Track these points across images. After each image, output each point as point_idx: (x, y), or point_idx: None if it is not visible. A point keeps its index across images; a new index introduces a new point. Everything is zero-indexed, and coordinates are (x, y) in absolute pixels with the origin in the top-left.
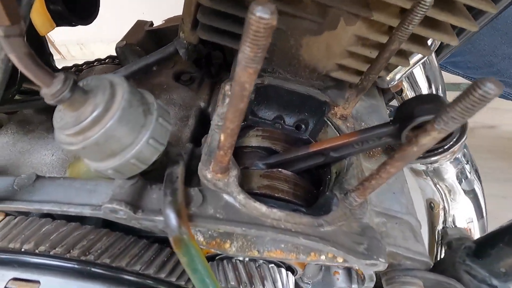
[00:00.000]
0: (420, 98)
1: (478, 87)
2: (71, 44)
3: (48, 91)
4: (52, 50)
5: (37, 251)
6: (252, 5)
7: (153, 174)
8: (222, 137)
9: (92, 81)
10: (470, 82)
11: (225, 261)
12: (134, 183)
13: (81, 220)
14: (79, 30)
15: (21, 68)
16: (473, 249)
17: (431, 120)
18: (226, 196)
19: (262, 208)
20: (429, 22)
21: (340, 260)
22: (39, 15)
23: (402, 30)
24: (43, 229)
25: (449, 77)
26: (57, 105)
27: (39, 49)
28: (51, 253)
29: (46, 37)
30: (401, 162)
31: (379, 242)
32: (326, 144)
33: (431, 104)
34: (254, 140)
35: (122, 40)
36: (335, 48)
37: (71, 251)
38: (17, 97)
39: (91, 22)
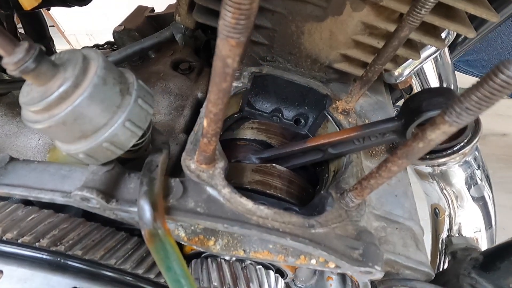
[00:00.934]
0: (429, 91)
1: (500, 71)
2: (80, 34)
3: (10, 60)
4: (62, 40)
5: (4, 238)
6: None
7: (136, 163)
8: (205, 123)
9: (66, 55)
10: None
11: (209, 260)
12: (109, 169)
13: (62, 208)
14: (89, 20)
15: None
16: (480, 261)
17: (441, 111)
18: (209, 189)
19: (248, 204)
20: (444, 11)
21: (332, 265)
22: None
23: (413, 14)
24: (12, 215)
25: (463, 80)
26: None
27: (38, 32)
28: (19, 241)
29: (55, 26)
30: (404, 160)
31: (377, 248)
32: (324, 139)
33: (442, 97)
34: (249, 133)
35: (120, 25)
36: (340, 37)
37: (41, 240)
38: (6, 77)
39: (87, 4)
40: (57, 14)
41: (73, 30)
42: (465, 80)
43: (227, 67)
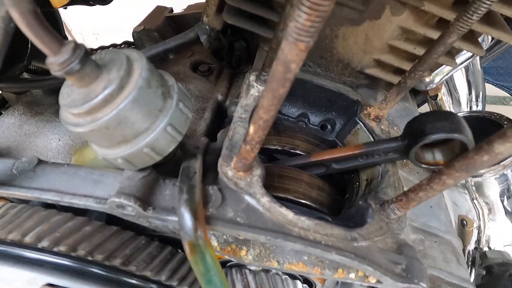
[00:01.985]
0: (433, 115)
1: None
2: (87, 34)
3: (55, 60)
4: (68, 38)
5: (39, 245)
6: None
7: (165, 168)
8: (251, 130)
9: (107, 55)
10: (493, 94)
11: (234, 270)
12: (145, 175)
13: (82, 211)
14: (96, 20)
15: (23, 28)
16: None
17: None
18: (248, 198)
19: (289, 214)
20: (487, 18)
21: (373, 280)
22: None
23: (463, 20)
24: (47, 222)
25: (494, 91)
26: (65, 78)
27: (55, 29)
28: (54, 249)
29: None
30: (463, 173)
31: (420, 264)
32: (328, 155)
33: (446, 122)
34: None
35: (139, 25)
36: (375, 41)
37: (95, 254)
38: (27, 76)
39: (109, 3)
40: (63, 12)
41: (80, 29)
42: None
43: (289, 72)
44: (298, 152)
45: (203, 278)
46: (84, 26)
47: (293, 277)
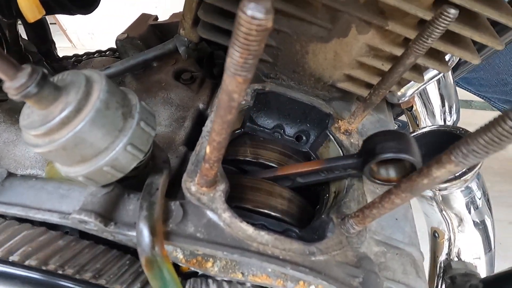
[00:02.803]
0: (383, 134)
1: (510, 118)
2: (82, 33)
3: (12, 85)
4: (63, 38)
5: (10, 259)
6: (242, 1)
7: (136, 180)
8: (208, 150)
9: (68, 77)
10: (482, 100)
11: (210, 280)
12: (109, 191)
13: (55, 225)
14: (91, 20)
15: None
16: None
17: (448, 150)
18: (209, 213)
19: (249, 229)
20: (449, 37)
21: None
22: (26, 0)
23: (419, 43)
24: (20, 236)
25: (461, 94)
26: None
27: (40, 36)
28: (25, 263)
29: (57, 24)
30: (408, 194)
31: (377, 277)
32: (292, 169)
33: (394, 142)
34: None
35: (123, 33)
36: (344, 58)
37: (48, 263)
38: None
39: (91, 12)
40: None
41: (75, 28)
42: (464, 93)
43: (233, 101)
44: (271, 164)
45: None
46: (79, 26)
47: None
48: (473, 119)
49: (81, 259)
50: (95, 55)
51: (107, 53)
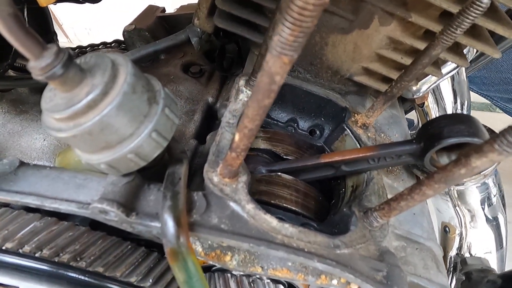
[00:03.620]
0: (451, 117)
1: None
2: (79, 28)
3: (37, 64)
4: (59, 33)
5: (20, 251)
6: None
7: (151, 171)
8: (236, 137)
9: (92, 59)
10: (481, 101)
11: (216, 274)
12: (129, 181)
13: (65, 215)
14: (88, 14)
15: (4, 32)
16: (499, 284)
17: (491, 139)
18: (232, 204)
19: (273, 222)
20: (472, 31)
21: (354, 287)
22: None
23: (448, 34)
24: (30, 226)
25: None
26: (48, 82)
27: (42, 25)
28: (37, 255)
29: (54, 19)
30: (442, 185)
31: (400, 271)
32: (338, 156)
33: (463, 125)
34: (259, 143)
35: (131, 24)
36: (364, 50)
37: (60, 254)
38: (12, 74)
39: (99, 1)
40: (55, 7)
41: (72, 23)
42: None
43: (274, 84)
44: (286, 157)
45: (185, 285)
46: (75, 21)
47: (276, 281)
48: None
49: (94, 251)
50: (100, 47)
51: (112, 44)
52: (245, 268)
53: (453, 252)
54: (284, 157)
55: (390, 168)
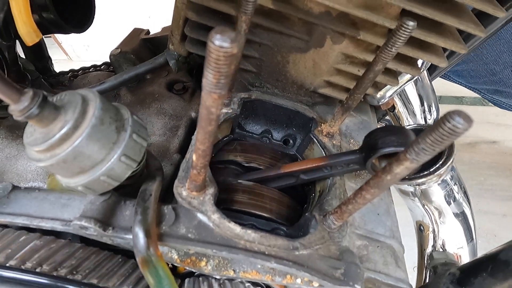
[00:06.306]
0: (386, 130)
1: (447, 121)
2: (77, 45)
3: (16, 108)
4: (59, 50)
5: (23, 267)
6: (211, 33)
7: (134, 187)
8: (194, 157)
9: (66, 97)
10: (473, 96)
11: (200, 279)
12: (106, 199)
13: (61, 233)
14: (86, 32)
15: None
16: (457, 276)
17: (404, 150)
18: (200, 215)
19: (236, 229)
20: (418, 43)
21: (315, 284)
22: (24, 25)
23: (385, 51)
24: (31, 245)
25: (452, 90)
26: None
27: (37, 53)
28: (37, 270)
29: (53, 38)
30: (376, 189)
31: (357, 268)
32: (296, 166)
33: (395, 136)
34: (229, 155)
35: (116, 48)
36: (322, 66)
37: (58, 269)
38: None
39: (85, 30)
40: None
41: (70, 41)
42: (454, 89)
43: (211, 114)
44: (261, 168)
45: None
46: (74, 38)
47: (255, 284)
48: None
49: (89, 265)
50: (90, 70)
51: (102, 67)
52: (219, 272)
53: (429, 249)
54: (258, 167)
55: (357, 172)
